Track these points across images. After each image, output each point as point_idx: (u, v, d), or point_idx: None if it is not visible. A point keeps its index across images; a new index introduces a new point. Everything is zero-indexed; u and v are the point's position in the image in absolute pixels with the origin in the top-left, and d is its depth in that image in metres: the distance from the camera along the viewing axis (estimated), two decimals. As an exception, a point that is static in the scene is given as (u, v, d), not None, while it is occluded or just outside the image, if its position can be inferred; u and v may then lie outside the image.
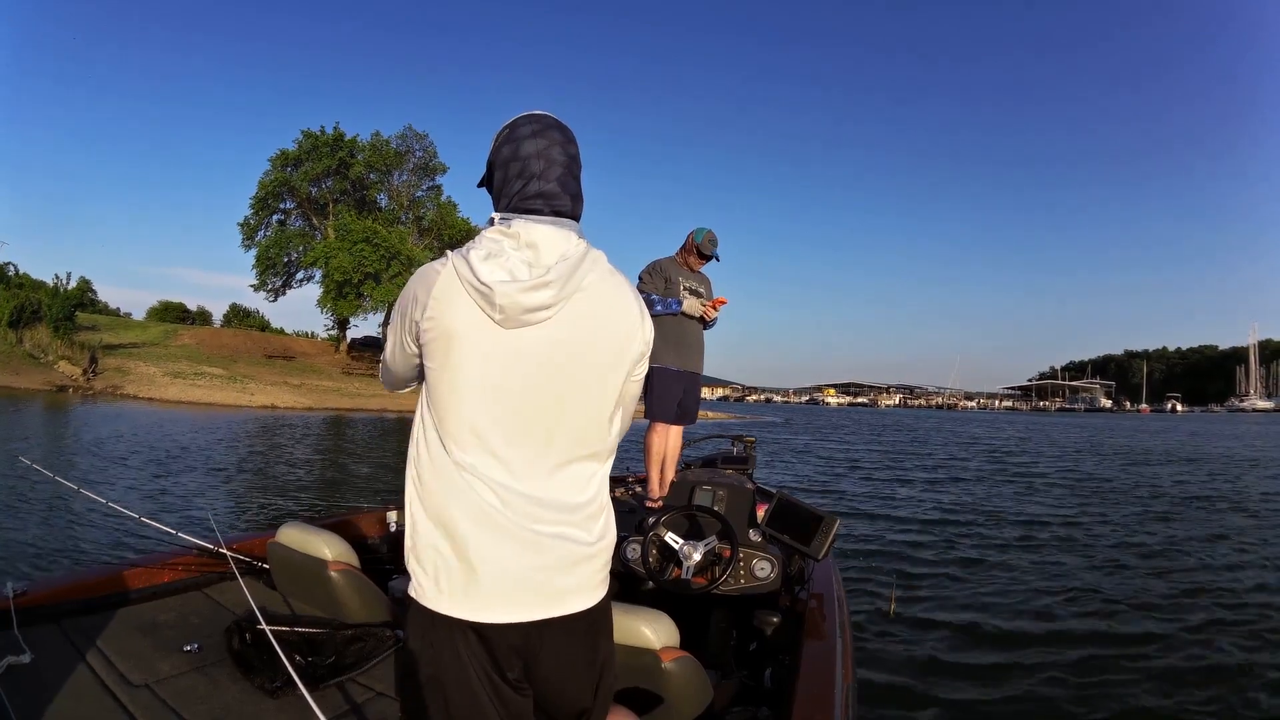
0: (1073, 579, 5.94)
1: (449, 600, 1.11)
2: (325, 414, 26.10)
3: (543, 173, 1.20)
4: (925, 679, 3.82)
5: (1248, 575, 6.17)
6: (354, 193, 44.79)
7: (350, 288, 38.88)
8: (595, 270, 1.19)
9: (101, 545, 5.89)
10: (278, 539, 2.64)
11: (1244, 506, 10.22)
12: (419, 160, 46.77)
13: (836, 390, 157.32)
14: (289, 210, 44.74)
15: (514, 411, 1.14)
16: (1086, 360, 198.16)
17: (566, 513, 1.17)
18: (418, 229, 45.85)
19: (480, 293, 1.11)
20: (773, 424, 38.53)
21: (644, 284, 3.76)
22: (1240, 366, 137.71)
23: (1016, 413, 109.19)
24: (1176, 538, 7.74)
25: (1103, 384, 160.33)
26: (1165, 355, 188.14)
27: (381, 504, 3.77)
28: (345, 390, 32.55)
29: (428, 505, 1.14)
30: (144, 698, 1.91)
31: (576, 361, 1.17)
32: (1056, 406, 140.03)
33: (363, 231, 38.73)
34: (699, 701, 1.94)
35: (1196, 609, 5.13)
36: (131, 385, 27.32)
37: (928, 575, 6.01)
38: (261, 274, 43.32)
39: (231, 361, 35.19)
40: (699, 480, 3.10)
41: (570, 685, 1.22)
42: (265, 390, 29.09)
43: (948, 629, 4.60)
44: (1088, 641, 4.42)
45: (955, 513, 9.20)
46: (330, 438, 17.88)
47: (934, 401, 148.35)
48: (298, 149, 42.45)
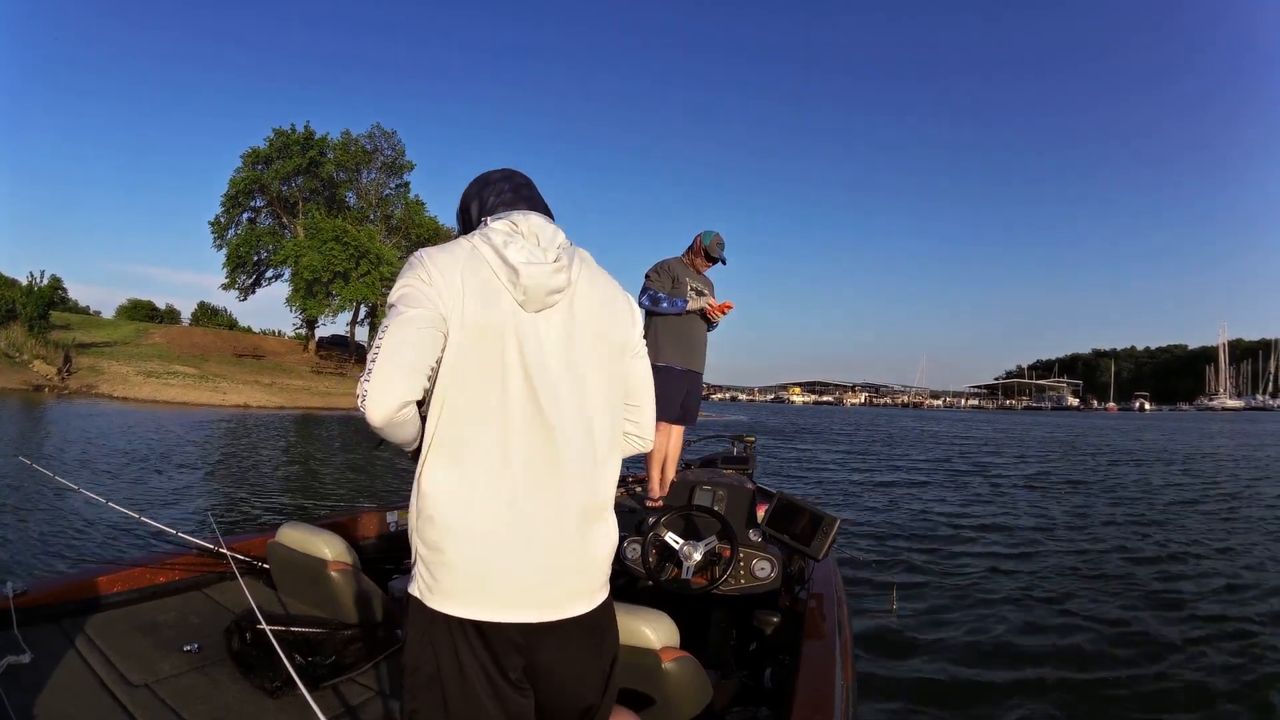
0: (1073, 578, 6.01)
1: (452, 600, 1.12)
2: (297, 413, 27.01)
3: (514, 187, 1.32)
4: (925, 679, 3.86)
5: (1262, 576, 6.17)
6: (324, 191, 45.86)
7: (320, 287, 40.08)
8: (586, 263, 1.27)
9: (101, 545, 5.99)
10: (278, 539, 2.68)
11: (1241, 505, 10.37)
12: (387, 158, 47.94)
13: (801, 389, 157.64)
14: (259, 208, 45.74)
15: (530, 400, 1.15)
16: (1054, 359, 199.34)
17: (576, 513, 1.19)
18: (386, 227, 46.99)
19: (507, 274, 1.15)
20: (777, 428, 36.28)
21: (651, 282, 3.79)
22: (1210, 366, 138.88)
23: (982, 411, 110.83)
24: (1175, 537, 7.82)
25: (1070, 383, 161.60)
26: (1134, 354, 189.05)
27: (381, 504, 3.80)
28: (315, 389, 33.93)
29: (436, 503, 1.14)
30: (144, 698, 1.93)
31: (584, 350, 1.22)
32: (1023, 405, 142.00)
33: (332, 230, 39.87)
34: (699, 701, 1.95)
35: (1201, 608, 5.14)
36: (106, 384, 28.36)
37: (928, 575, 6.05)
38: (232, 272, 44.17)
39: (202, 360, 36.23)
40: (699, 480, 3.13)
41: (573, 683, 1.22)
42: (238, 389, 30.30)
43: (948, 629, 4.63)
44: (1088, 641, 4.46)
45: (955, 512, 9.31)
46: (307, 437, 18.42)
47: (900, 400, 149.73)
48: (269, 147, 43.44)
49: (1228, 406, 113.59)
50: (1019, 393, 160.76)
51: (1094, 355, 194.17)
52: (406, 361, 1.11)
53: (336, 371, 41.30)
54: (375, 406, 1.10)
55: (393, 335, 1.12)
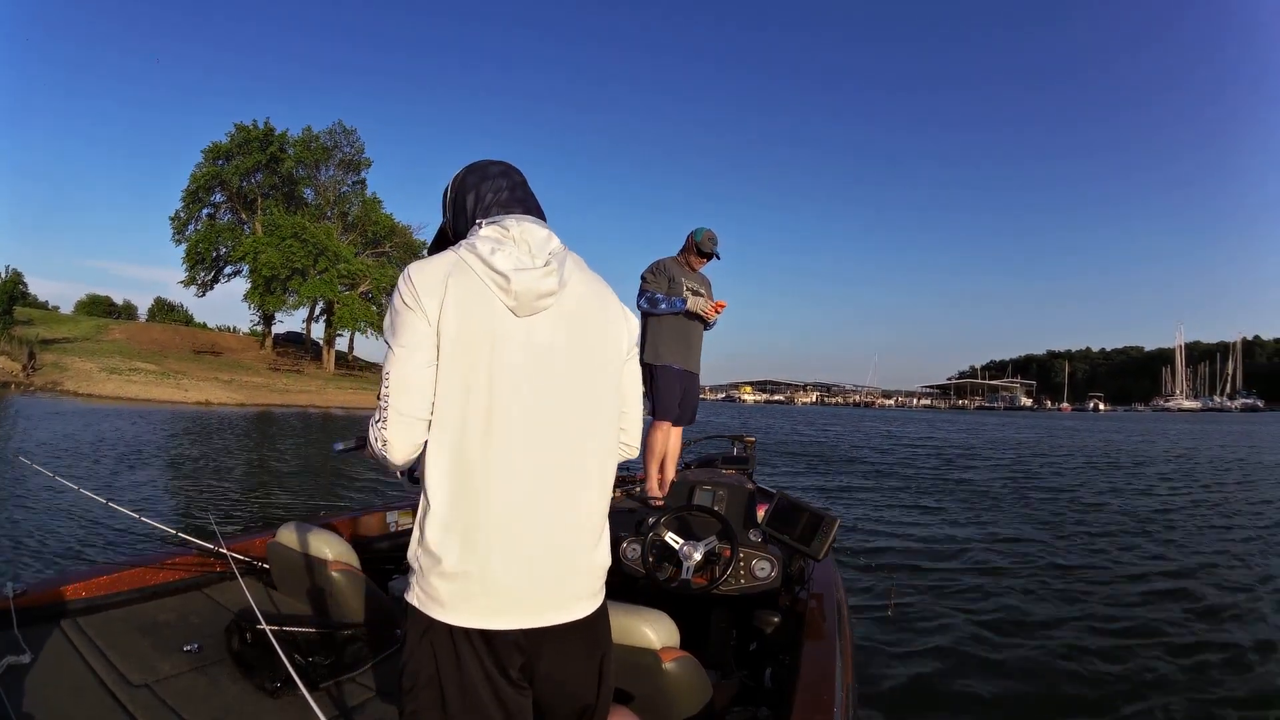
0: (1073, 578, 6.06)
1: (452, 609, 1.14)
2: (257, 410, 28.08)
3: (510, 186, 1.35)
4: (925, 678, 3.90)
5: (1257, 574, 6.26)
6: (283, 188, 46.81)
7: (278, 283, 41.44)
8: (578, 269, 1.30)
9: (100, 545, 6.04)
10: (278, 539, 2.72)
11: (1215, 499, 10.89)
12: (346, 155, 48.95)
13: (753, 388, 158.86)
14: (219, 204, 46.57)
15: (526, 408, 1.18)
16: (1008, 360, 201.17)
17: (573, 519, 1.22)
18: (343, 224, 48.25)
19: (495, 280, 1.17)
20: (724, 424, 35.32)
21: (648, 283, 3.83)
22: (1166, 367, 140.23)
23: (935, 410, 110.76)
24: (1173, 537, 7.96)
25: (1024, 383, 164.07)
26: (1089, 356, 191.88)
27: (382, 504, 3.84)
28: (274, 386, 35.62)
29: (437, 509, 1.16)
30: (144, 698, 1.97)
31: (576, 357, 1.24)
32: (975, 405, 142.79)
33: (291, 227, 41.07)
34: (699, 701, 1.99)
35: (1201, 608, 5.21)
36: (71, 381, 29.71)
37: (927, 575, 6.12)
38: (191, 268, 45.03)
39: (162, 357, 37.53)
40: (699, 480, 3.16)
41: (572, 682, 1.26)
42: (199, 386, 31.71)
43: (948, 628, 4.69)
44: (1088, 640, 4.52)
45: (955, 513, 9.40)
46: (270, 434, 18.89)
47: (851, 399, 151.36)
48: (230, 142, 44.10)
49: (1184, 408, 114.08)
50: (972, 393, 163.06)
51: (1049, 356, 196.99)
52: (415, 404, 1.17)
53: (293, 369, 42.80)
54: (397, 454, 1.18)
55: (396, 377, 1.17)
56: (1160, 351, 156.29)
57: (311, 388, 36.88)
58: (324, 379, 41.31)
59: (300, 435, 19.20)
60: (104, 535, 6.36)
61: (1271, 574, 6.29)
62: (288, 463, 13.20)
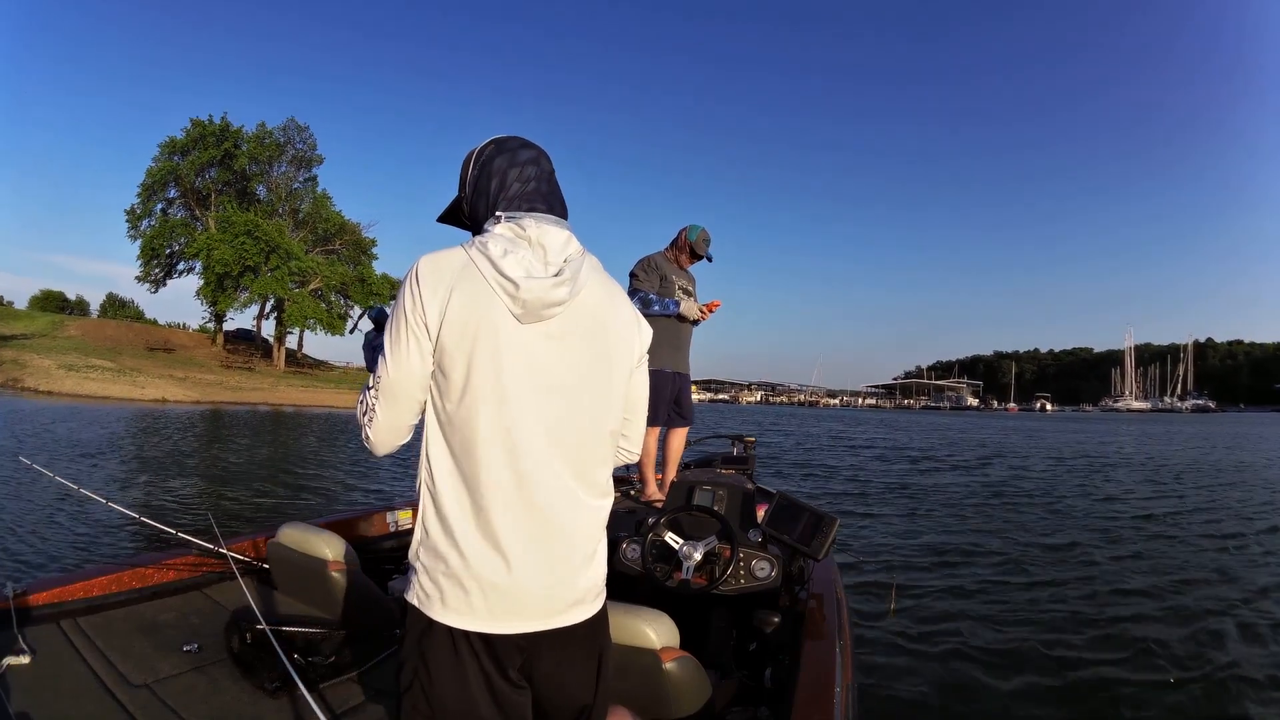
0: (1072, 577, 6.14)
1: (453, 611, 1.16)
2: (210, 407, 28.91)
3: (538, 176, 1.31)
4: (925, 678, 3.94)
5: None
6: (236, 184, 48.00)
7: (231, 280, 42.75)
8: (595, 274, 1.29)
9: (100, 545, 6.09)
10: (278, 539, 2.74)
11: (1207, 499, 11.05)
12: (299, 151, 50.42)
13: (698, 386, 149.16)
14: (172, 200, 47.61)
15: (528, 413, 1.18)
16: (954, 360, 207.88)
17: (574, 525, 1.24)
18: (294, 221, 49.71)
19: (504, 286, 1.16)
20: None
21: (639, 281, 3.88)
22: (1116, 368, 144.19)
23: (880, 410, 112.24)
24: (1172, 535, 8.09)
25: (970, 383, 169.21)
26: (1037, 357, 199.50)
27: (382, 504, 3.88)
28: (227, 383, 37.33)
29: (438, 513, 1.18)
30: (144, 698, 1.99)
31: (581, 364, 1.24)
32: (921, 405, 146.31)
33: (244, 224, 42.37)
34: (699, 701, 2.01)
35: (1202, 607, 5.23)
36: (31, 379, 31.12)
37: (928, 574, 6.16)
38: (146, 264, 46.05)
39: (117, 354, 38.85)
40: (699, 480, 3.18)
41: (571, 682, 1.28)
42: (154, 383, 33.17)
43: (948, 628, 4.74)
44: (1088, 640, 4.58)
45: (954, 513, 9.50)
46: (227, 432, 19.13)
47: (796, 399, 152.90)
48: (185, 137, 45.13)
49: (1133, 408, 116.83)
50: (917, 392, 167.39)
51: (995, 357, 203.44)
52: (402, 404, 1.21)
53: (245, 366, 44.45)
54: (381, 448, 1.26)
55: (388, 372, 1.19)
56: (1110, 353, 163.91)
57: (264, 385, 38.60)
58: (275, 376, 42.87)
59: (267, 433, 19.80)
60: (104, 535, 6.44)
61: (1272, 575, 6.37)
62: (312, 463, 13.33)
